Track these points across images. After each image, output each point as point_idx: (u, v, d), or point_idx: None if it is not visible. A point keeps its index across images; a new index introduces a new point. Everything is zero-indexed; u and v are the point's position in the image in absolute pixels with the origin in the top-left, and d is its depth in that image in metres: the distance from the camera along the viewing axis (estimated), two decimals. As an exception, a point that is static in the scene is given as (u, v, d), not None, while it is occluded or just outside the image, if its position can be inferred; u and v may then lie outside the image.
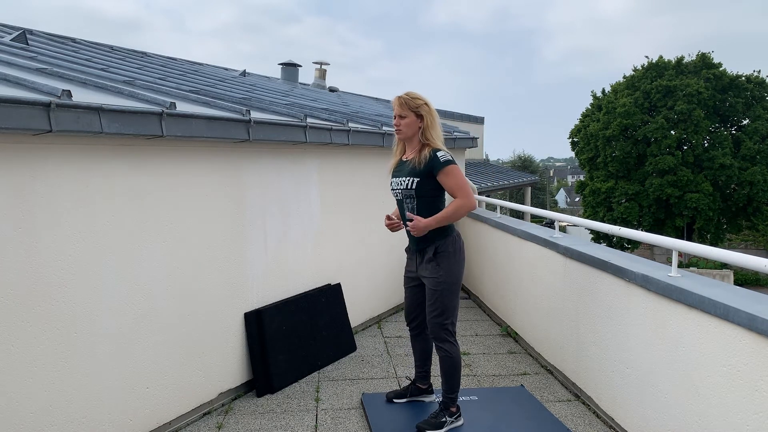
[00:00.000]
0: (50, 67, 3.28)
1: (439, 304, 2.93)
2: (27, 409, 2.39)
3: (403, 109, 2.92)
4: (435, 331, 2.97)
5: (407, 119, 2.93)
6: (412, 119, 2.92)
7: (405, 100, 2.92)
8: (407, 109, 2.91)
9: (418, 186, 2.90)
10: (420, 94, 2.95)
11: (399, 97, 2.95)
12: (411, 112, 2.91)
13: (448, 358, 2.96)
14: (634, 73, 25.72)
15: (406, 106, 2.92)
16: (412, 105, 2.91)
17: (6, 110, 2.09)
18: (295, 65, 10.64)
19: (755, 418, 2.10)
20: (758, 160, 22.97)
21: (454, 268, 2.94)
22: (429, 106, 2.94)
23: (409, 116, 2.92)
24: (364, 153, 4.95)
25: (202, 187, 3.27)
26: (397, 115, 2.95)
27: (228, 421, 3.27)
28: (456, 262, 2.95)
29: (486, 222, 5.43)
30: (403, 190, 2.96)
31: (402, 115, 2.93)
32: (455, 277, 2.95)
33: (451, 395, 3.03)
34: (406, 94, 2.95)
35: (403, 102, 2.93)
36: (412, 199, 2.95)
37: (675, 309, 2.57)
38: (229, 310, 3.51)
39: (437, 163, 2.86)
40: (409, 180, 2.92)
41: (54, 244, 2.47)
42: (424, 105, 2.92)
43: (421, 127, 2.93)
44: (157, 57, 7.28)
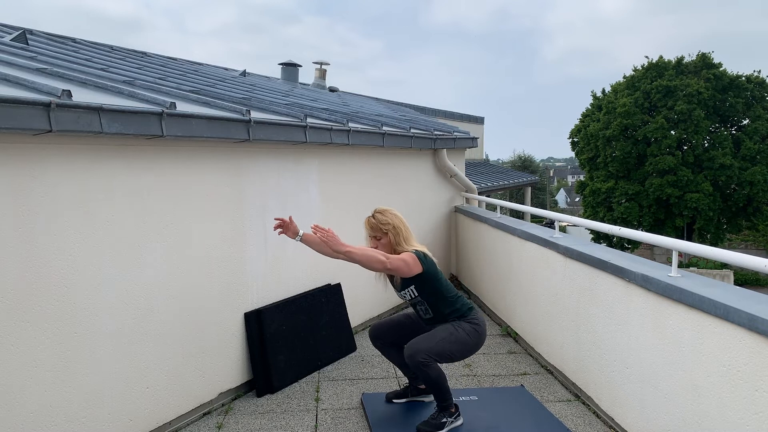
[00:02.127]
0: (50, 67, 3.27)
1: (439, 341, 2.92)
2: (27, 409, 2.39)
3: (375, 231, 3.06)
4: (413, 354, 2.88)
5: (382, 240, 3.05)
6: (387, 239, 3.05)
7: (374, 224, 3.05)
8: (379, 232, 3.05)
9: (419, 291, 3.02)
10: (387, 213, 3.06)
11: (368, 220, 3.08)
12: (383, 233, 3.05)
13: (429, 378, 2.92)
14: (634, 73, 25.70)
15: (377, 229, 3.05)
16: (382, 228, 3.04)
17: (6, 110, 2.09)
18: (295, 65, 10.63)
19: (755, 418, 2.10)
20: (758, 160, 22.96)
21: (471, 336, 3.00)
22: (395, 225, 3.04)
23: (383, 237, 3.06)
24: (364, 153, 4.95)
25: (202, 187, 3.27)
26: (371, 237, 3.08)
27: (228, 421, 3.27)
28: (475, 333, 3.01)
29: (486, 222, 5.43)
30: (410, 300, 3.09)
31: (377, 237, 3.06)
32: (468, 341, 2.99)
33: (444, 403, 3.03)
34: (374, 216, 3.07)
35: (374, 225, 3.05)
36: (422, 303, 3.07)
37: (675, 309, 2.57)
38: (229, 309, 3.51)
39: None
40: (409, 291, 3.04)
41: (54, 244, 2.47)
42: (392, 228, 3.03)
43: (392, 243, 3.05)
44: (157, 57, 7.28)
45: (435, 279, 3.01)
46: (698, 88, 23.05)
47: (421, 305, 3.08)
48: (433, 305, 3.04)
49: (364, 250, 2.89)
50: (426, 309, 3.07)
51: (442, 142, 6.16)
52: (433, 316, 3.07)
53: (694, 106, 22.93)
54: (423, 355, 2.86)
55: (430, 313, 3.07)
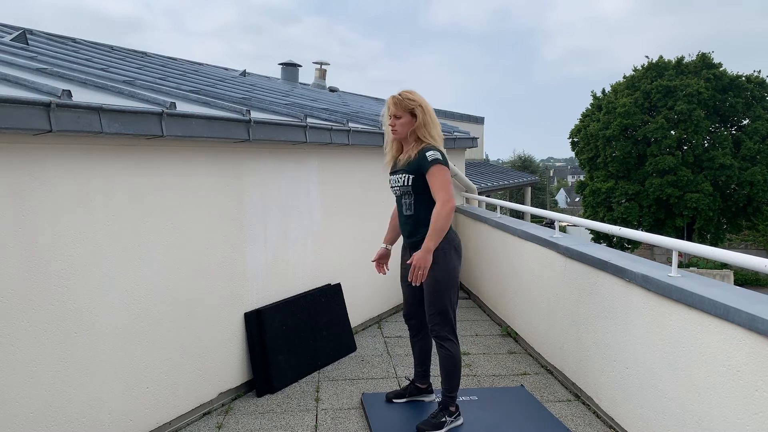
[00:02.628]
0: (50, 67, 3.28)
1: (437, 302, 2.93)
2: (27, 409, 2.39)
3: (398, 108, 2.91)
4: (435, 329, 2.96)
5: (402, 119, 2.91)
6: (408, 119, 2.91)
7: (399, 100, 2.90)
8: (402, 109, 2.90)
9: (413, 182, 2.91)
10: (415, 94, 2.94)
11: (393, 97, 2.93)
12: (406, 112, 2.91)
13: (449, 357, 2.96)
14: (634, 73, 25.72)
15: (401, 106, 2.90)
16: (407, 105, 2.90)
17: (6, 110, 2.09)
18: (295, 65, 10.63)
19: (755, 418, 2.10)
20: (758, 160, 22.98)
21: (450, 265, 2.92)
22: (423, 106, 2.92)
23: (404, 116, 2.91)
24: (364, 153, 4.95)
25: (202, 187, 3.27)
26: (392, 115, 2.93)
27: (228, 421, 3.27)
28: (451, 259, 2.93)
29: (486, 222, 5.43)
30: (401, 187, 2.98)
31: (397, 115, 2.92)
32: (452, 274, 2.93)
33: (451, 395, 3.02)
34: (400, 94, 2.93)
35: (398, 101, 2.91)
36: (409, 196, 2.96)
37: (675, 309, 2.57)
38: (229, 309, 3.51)
39: (425, 162, 2.85)
40: (405, 177, 2.94)
41: (54, 244, 2.47)
42: (418, 106, 2.90)
43: (415, 125, 2.92)
44: (157, 57, 7.28)
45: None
46: (698, 88, 23.06)
47: (407, 198, 2.96)
48: (418, 204, 2.93)
49: (434, 230, 2.75)
50: (410, 203, 2.96)
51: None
52: (413, 213, 2.96)
53: (694, 106, 22.94)
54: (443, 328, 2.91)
55: (411, 210, 2.96)
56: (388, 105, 2.96)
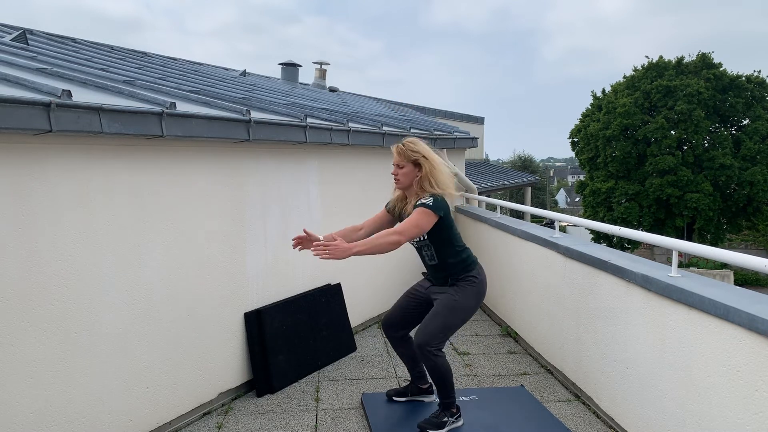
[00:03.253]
0: (50, 67, 3.27)
1: (442, 319, 2.89)
2: (27, 409, 2.39)
3: (401, 158, 2.89)
4: (423, 343, 2.86)
5: (405, 169, 2.89)
6: (410, 169, 2.88)
7: (402, 150, 2.89)
8: (404, 159, 2.88)
9: (428, 234, 2.89)
10: (419, 144, 2.92)
11: (396, 146, 2.92)
12: (409, 162, 2.88)
13: (435, 368, 2.90)
14: (634, 73, 25.71)
15: (404, 155, 2.88)
16: (410, 156, 2.87)
17: (6, 110, 2.09)
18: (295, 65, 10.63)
19: (755, 418, 2.10)
20: (758, 160, 22.96)
21: (472, 298, 2.95)
22: (428, 156, 2.88)
23: (407, 166, 2.89)
24: (364, 153, 4.95)
25: (202, 187, 3.27)
26: (395, 164, 2.92)
27: (228, 421, 3.27)
28: (475, 293, 2.96)
29: (486, 222, 5.43)
30: (419, 242, 2.97)
31: (400, 165, 2.90)
32: (470, 306, 2.95)
33: (448, 399, 3.02)
34: (404, 144, 2.91)
35: (400, 151, 2.89)
36: (429, 248, 2.97)
37: (675, 309, 2.57)
38: (229, 309, 3.51)
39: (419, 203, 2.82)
40: None
41: (54, 244, 2.47)
42: (422, 156, 2.87)
43: (419, 176, 2.89)
44: (157, 57, 7.28)
45: (447, 227, 2.90)
46: (698, 88, 23.05)
47: (427, 249, 2.96)
48: (440, 252, 2.94)
49: (373, 242, 2.65)
50: (432, 255, 2.96)
51: (442, 142, 6.16)
52: (438, 263, 2.96)
53: (694, 106, 22.94)
54: (432, 343, 2.84)
55: (436, 260, 2.96)
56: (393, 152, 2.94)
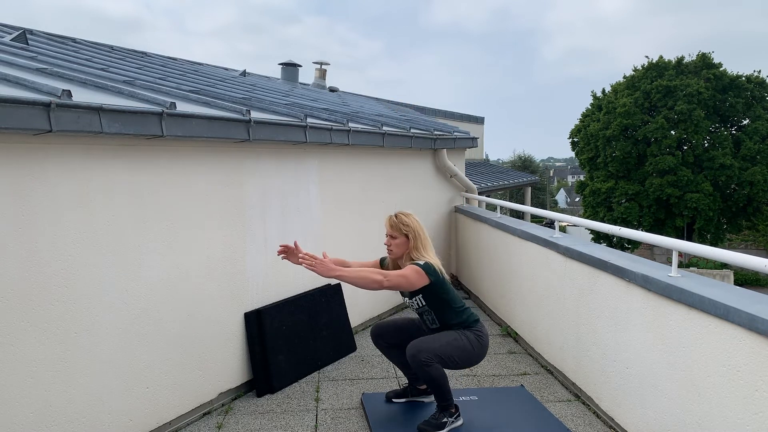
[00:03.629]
0: (50, 67, 3.27)
1: (439, 345, 2.91)
2: (27, 409, 2.39)
3: (393, 230, 3.05)
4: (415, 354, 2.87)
5: (398, 240, 3.05)
6: (402, 240, 3.05)
7: (395, 223, 3.05)
8: (396, 231, 3.04)
9: (426, 300, 3.00)
10: (411, 217, 3.08)
11: (390, 218, 3.09)
12: (401, 234, 3.04)
13: (428, 377, 2.91)
14: (634, 73, 25.70)
15: (396, 228, 3.04)
16: (402, 228, 3.04)
17: (6, 110, 2.09)
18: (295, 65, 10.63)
19: (755, 418, 2.10)
20: (758, 160, 22.96)
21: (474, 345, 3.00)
22: (417, 232, 3.04)
23: (399, 237, 3.04)
24: (364, 153, 4.95)
25: (203, 187, 3.27)
26: (388, 235, 3.08)
27: (228, 421, 3.27)
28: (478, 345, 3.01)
29: (486, 222, 5.42)
30: (418, 308, 3.08)
31: (393, 236, 3.06)
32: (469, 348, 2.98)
33: (445, 403, 3.03)
34: (396, 217, 3.07)
35: (393, 224, 3.06)
36: (429, 313, 3.06)
37: (675, 309, 2.57)
38: (229, 309, 3.51)
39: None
40: (416, 300, 3.03)
41: (54, 244, 2.47)
42: (411, 230, 3.03)
43: (409, 248, 3.04)
44: (157, 57, 7.28)
45: (443, 290, 2.99)
46: (698, 88, 23.05)
47: (428, 315, 3.07)
48: (440, 316, 3.04)
49: (358, 272, 2.82)
50: (433, 319, 3.07)
51: (442, 142, 6.16)
52: (440, 326, 3.07)
53: (694, 106, 22.93)
54: (425, 355, 2.86)
55: (437, 323, 3.06)
56: (385, 224, 3.11)
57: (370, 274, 2.82)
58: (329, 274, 2.74)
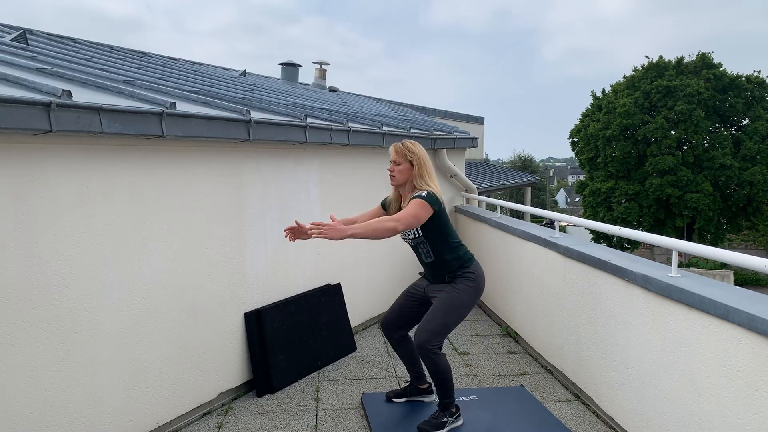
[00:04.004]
0: (50, 67, 3.27)
1: (441, 317, 2.92)
2: (27, 408, 2.39)
3: (398, 156, 3.03)
4: (423, 342, 2.90)
5: (401, 166, 3.02)
6: (406, 167, 3.02)
7: (399, 149, 3.03)
8: (401, 157, 3.02)
9: (424, 231, 2.97)
10: (417, 146, 3.06)
11: (395, 145, 3.06)
12: (405, 160, 3.02)
13: (435, 368, 2.93)
14: (634, 73, 25.71)
15: (401, 154, 3.02)
16: (406, 155, 3.02)
17: (6, 110, 2.09)
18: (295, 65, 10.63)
19: (755, 418, 2.10)
20: (758, 160, 22.97)
21: (470, 294, 2.98)
22: (422, 159, 3.03)
23: (404, 164, 3.02)
24: (364, 153, 4.95)
25: (202, 187, 3.27)
26: (392, 161, 3.06)
27: (228, 421, 3.27)
28: (473, 289, 2.99)
29: (486, 222, 5.43)
30: (414, 239, 3.04)
31: (397, 162, 3.03)
32: (468, 302, 2.98)
33: (448, 399, 3.03)
34: (403, 144, 3.05)
35: (398, 149, 3.03)
36: (424, 245, 3.02)
37: (675, 309, 2.57)
38: (229, 309, 3.51)
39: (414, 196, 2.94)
40: (414, 229, 2.98)
41: (54, 244, 2.47)
42: (417, 158, 3.02)
43: (412, 175, 3.03)
44: (157, 57, 7.28)
45: (442, 223, 2.97)
46: (698, 88, 23.06)
47: (423, 247, 3.02)
48: (436, 249, 2.99)
49: (369, 225, 2.75)
50: (428, 252, 3.02)
51: (442, 142, 6.16)
52: (435, 260, 3.01)
53: (694, 106, 22.94)
54: (432, 340, 2.88)
55: (432, 257, 3.01)
56: (390, 150, 3.09)
57: (383, 224, 2.77)
58: (342, 235, 2.67)
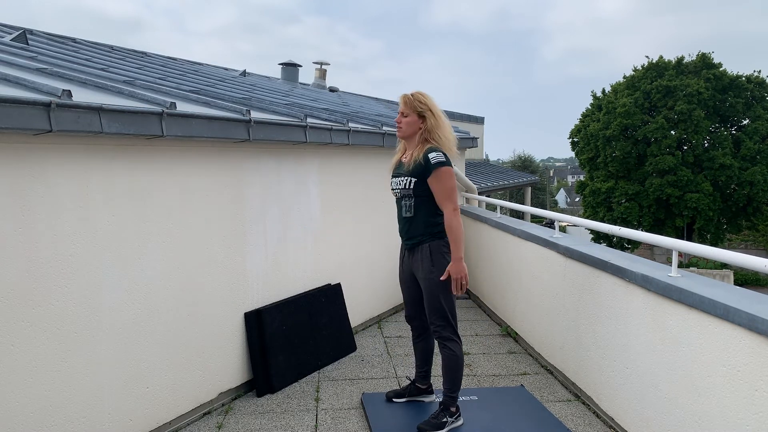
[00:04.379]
0: (50, 67, 3.28)
1: (437, 303, 2.95)
2: (27, 409, 2.39)
3: (406, 106, 2.94)
4: (438, 330, 2.99)
5: (408, 118, 2.94)
6: (414, 119, 2.94)
7: (409, 99, 2.93)
8: (409, 108, 2.93)
9: (415, 186, 2.91)
10: (427, 97, 2.97)
11: (404, 95, 2.97)
12: (414, 112, 2.93)
13: (452, 357, 2.97)
14: (634, 73, 25.71)
15: (410, 105, 2.93)
16: (416, 105, 2.93)
17: (6, 110, 2.09)
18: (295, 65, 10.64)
19: (755, 418, 2.10)
20: (758, 160, 22.97)
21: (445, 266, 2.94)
22: (433, 111, 2.93)
23: (411, 116, 2.94)
24: (364, 153, 4.95)
25: (202, 187, 3.27)
26: (400, 112, 2.97)
27: (228, 421, 3.27)
28: (447, 260, 2.95)
29: (486, 222, 5.43)
30: (402, 190, 2.99)
31: (404, 113, 2.95)
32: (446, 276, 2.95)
33: (453, 394, 3.03)
34: (412, 94, 2.97)
35: (407, 100, 2.94)
36: (409, 198, 2.96)
37: (675, 309, 2.57)
38: (229, 309, 3.51)
39: (428, 165, 2.87)
40: (407, 180, 2.94)
41: (54, 244, 2.47)
42: (428, 110, 2.92)
43: (422, 128, 2.94)
44: (157, 57, 7.28)
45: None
46: (698, 88, 23.06)
47: (407, 200, 2.95)
48: (419, 207, 2.93)
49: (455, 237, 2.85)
50: (410, 206, 2.95)
51: (442, 142, 6.16)
52: (413, 215, 2.96)
53: (694, 106, 22.94)
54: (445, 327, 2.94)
55: (411, 212, 2.96)
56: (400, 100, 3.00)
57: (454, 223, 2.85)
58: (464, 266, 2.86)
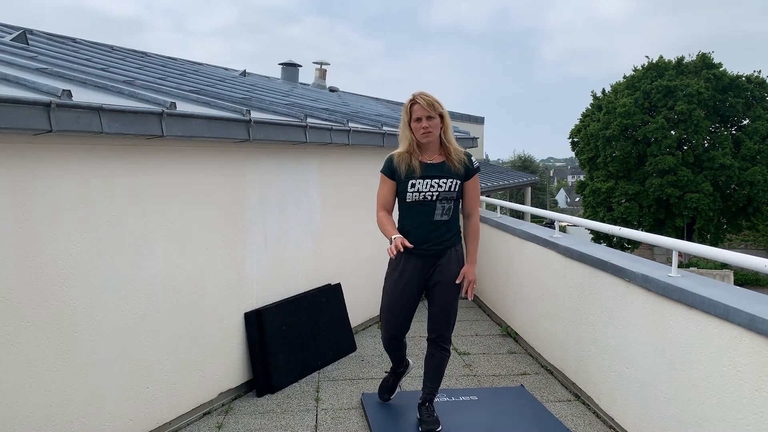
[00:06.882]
0: (50, 67, 3.27)
1: (453, 308, 2.95)
2: (27, 409, 2.39)
3: (432, 110, 2.76)
4: (444, 334, 2.94)
5: (435, 120, 2.78)
6: (437, 121, 2.79)
7: (433, 101, 2.76)
8: (434, 111, 2.77)
9: (458, 188, 2.86)
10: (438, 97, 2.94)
11: (425, 98, 2.76)
12: (436, 113, 2.80)
13: (447, 358, 3.00)
14: (634, 73, 25.72)
15: (434, 107, 2.76)
16: (436, 107, 2.78)
17: (6, 110, 2.08)
18: (295, 65, 10.63)
19: (755, 418, 2.10)
20: (758, 160, 22.98)
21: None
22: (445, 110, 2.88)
23: (436, 118, 2.78)
24: (364, 153, 4.95)
25: (202, 187, 3.27)
26: (425, 117, 2.76)
27: (228, 421, 3.27)
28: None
29: (486, 222, 5.43)
30: (445, 192, 2.82)
31: (431, 116, 2.77)
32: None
33: (437, 392, 3.10)
34: (429, 95, 2.79)
35: (433, 102, 2.76)
36: (449, 201, 2.85)
37: (675, 309, 2.57)
38: (229, 309, 3.51)
39: (473, 167, 2.90)
40: (452, 182, 2.82)
41: (54, 244, 2.47)
42: (444, 110, 2.85)
43: (442, 128, 2.85)
44: (157, 57, 7.28)
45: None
46: (698, 88, 23.07)
47: (447, 203, 2.84)
48: (455, 210, 2.90)
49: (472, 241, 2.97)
50: (448, 209, 2.86)
51: (442, 142, 6.15)
52: (449, 219, 2.88)
53: (694, 106, 22.95)
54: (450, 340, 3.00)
55: (449, 215, 2.87)
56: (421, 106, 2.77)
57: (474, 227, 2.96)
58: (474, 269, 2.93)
